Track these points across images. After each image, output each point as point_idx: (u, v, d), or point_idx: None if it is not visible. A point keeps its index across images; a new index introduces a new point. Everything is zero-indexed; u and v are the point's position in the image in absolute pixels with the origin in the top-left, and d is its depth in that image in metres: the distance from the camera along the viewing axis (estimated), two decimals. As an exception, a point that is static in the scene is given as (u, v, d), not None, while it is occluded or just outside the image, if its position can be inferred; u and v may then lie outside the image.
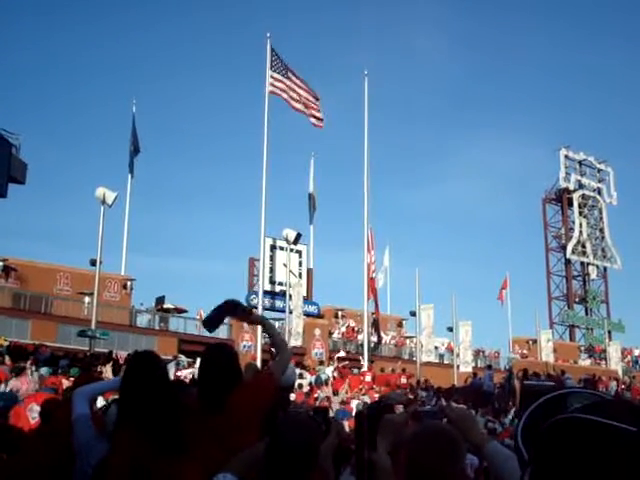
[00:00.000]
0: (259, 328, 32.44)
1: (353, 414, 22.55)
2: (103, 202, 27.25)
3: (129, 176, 43.27)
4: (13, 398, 14.86)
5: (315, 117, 34.23)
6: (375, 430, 2.86)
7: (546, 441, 1.44)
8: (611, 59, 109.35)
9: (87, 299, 31.91)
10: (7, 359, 21.63)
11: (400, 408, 3.75)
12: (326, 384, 27.81)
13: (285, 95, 33.24)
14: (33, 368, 21.28)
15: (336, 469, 3.92)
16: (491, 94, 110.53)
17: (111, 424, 4.03)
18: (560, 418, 1.44)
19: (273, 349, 5.20)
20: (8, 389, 16.81)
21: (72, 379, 15.63)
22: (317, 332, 39.11)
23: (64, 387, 14.35)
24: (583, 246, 62.30)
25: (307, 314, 38.75)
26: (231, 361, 4.23)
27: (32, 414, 10.03)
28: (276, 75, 33.00)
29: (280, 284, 37.90)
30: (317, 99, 34.27)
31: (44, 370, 21.11)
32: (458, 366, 39.75)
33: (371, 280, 37.65)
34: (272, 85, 32.85)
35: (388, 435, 2.85)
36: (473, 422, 2.86)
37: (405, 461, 2.72)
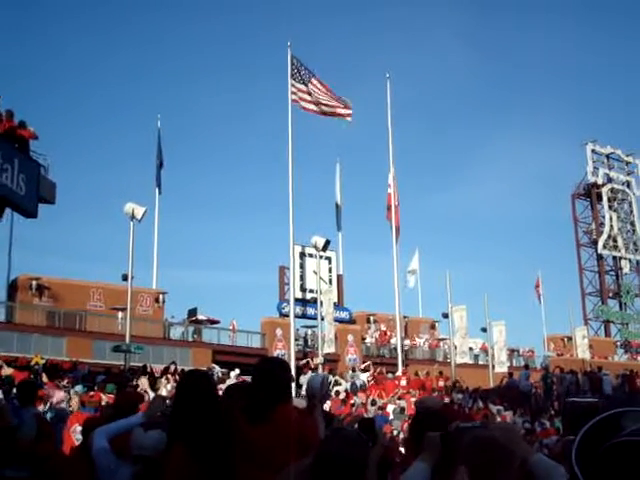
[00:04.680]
0: (292, 337, 32.60)
1: (390, 419, 22.55)
2: (132, 217, 27.44)
3: (156, 190, 43.62)
4: (60, 411, 15.11)
5: (342, 114, 34.04)
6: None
7: (603, 465, 1.42)
8: (634, 52, 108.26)
9: (120, 314, 32.12)
10: (44, 377, 21.84)
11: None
12: (362, 390, 27.77)
13: (305, 104, 33.26)
14: (70, 386, 21.47)
15: (380, 478, 3.92)
16: (516, 93, 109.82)
17: (136, 448, 4.01)
18: (617, 442, 1.42)
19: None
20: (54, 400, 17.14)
21: (110, 396, 15.77)
22: (350, 338, 39.09)
23: (102, 404, 14.49)
24: (614, 240, 61.70)
25: (339, 320, 38.73)
26: (283, 374, 4.27)
27: (76, 435, 10.14)
28: (296, 84, 33.07)
29: (311, 291, 37.90)
30: (345, 105, 34.11)
31: (78, 387, 21.25)
32: (493, 366, 39.54)
33: (396, 209, 37.48)
34: (294, 94, 32.93)
35: (433, 452, 2.86)
36: (517, 436, 2.86)
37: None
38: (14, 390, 13.68)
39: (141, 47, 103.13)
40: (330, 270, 40.21)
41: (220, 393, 4.90)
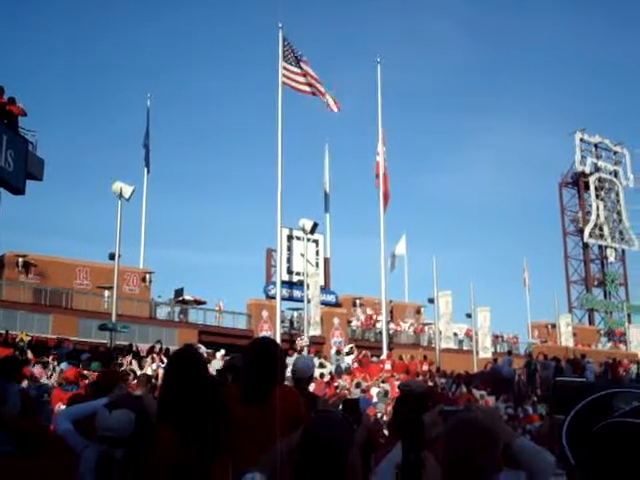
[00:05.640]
0: (278, 319, 32.68)
1: (373, 401, 22.67)
2: (120, 196, 27.39)
3: (145, 170, 43.51)
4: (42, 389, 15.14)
5: (329, 101, 34.04)
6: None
7: (594, 446, 1.42)
8: (625, 41, 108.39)
9: (107, 293, 32.11)
10: (30, 354, 21.86)
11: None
12: (347, 373, 27.90)
13: (297, 84, 33.20)
14: (55, 363, 21.50)
15: (364, 460, 3.97)
16: (505, 80, 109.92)
17: (100, 429, 3.96)
18: (608, 423, 1.43)
19: None
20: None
21: (95, 374, 15.80)
22: (336, 321, 39.20)
23: (86, 382, 14.51)
24: (600, 229, 61.95)
25: (325, 303, 38.86)
26: (275, 355, 4.29)
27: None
28: (288, 66, 32.98)
29: (298, 274, 37.97)
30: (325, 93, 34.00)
31: (64, 365, 21.29)
32: (477, 352, 39.77)
33: (384, 177, 37.58)
34: (284, 76, 32.85)
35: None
36: (500, 420, 2.90)
37: (442, 455, 2.76)
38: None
39: (133, 27, 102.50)
40: (317, 253, 40.29)
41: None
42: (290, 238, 38.65)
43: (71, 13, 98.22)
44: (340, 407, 4.02)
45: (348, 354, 32.19)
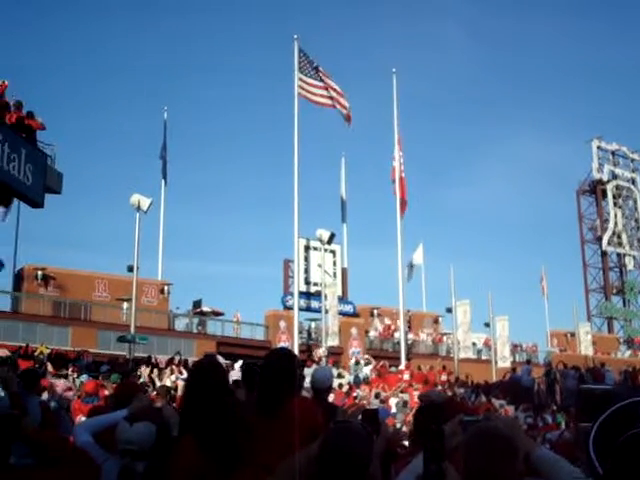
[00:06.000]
0: (296, 330, 32.68)
1: (392, 412, 22.60)
2: (138, 209, 27.53)
3: (162, 182, 43.74)
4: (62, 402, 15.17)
5: (345, 115, 34.16)
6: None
7: (622, 457, 1.39)
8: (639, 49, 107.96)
9: (125, 305, 32.23)
10: (49, 367, 21.95)
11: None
12: (366, 383, 27.85)
13: (313, 96, 33.28)
14: (75, 375, 21.57)
15: (384, 471, 3.96)
16: (521, 89, 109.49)
17: (121, 442, 3.97)
18: (636, 432, 1.41)
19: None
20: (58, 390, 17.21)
21: (114, 386, 15.85)
22: (354, 331, 39.15)
23: (105, 394, 14.55)
24: (619, 237, 61.66)
25: (343, 314, 38.82)
26: (292, 365, 4.30)
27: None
28: (304, 77, 33.07)
29: (315, 284, 37.98)
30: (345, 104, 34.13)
31: (84, 377, 21.33)
32: (496, 361, 39.58)
33: (401, 181, 37.45)
34: (300, 87, 32.93)
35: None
36: (520, 429, 2.89)
37: (462, 464, 2.75)
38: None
39: (150, 39, 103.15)
40: (334, 263, 40.29)
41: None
42: (307, 249, 38.67)
43: (85, 25, 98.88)
44: (359, 417, 4.02)
45: (366, 364, 32.16)
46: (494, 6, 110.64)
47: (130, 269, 28.53)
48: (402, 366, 32.97)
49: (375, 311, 43.41)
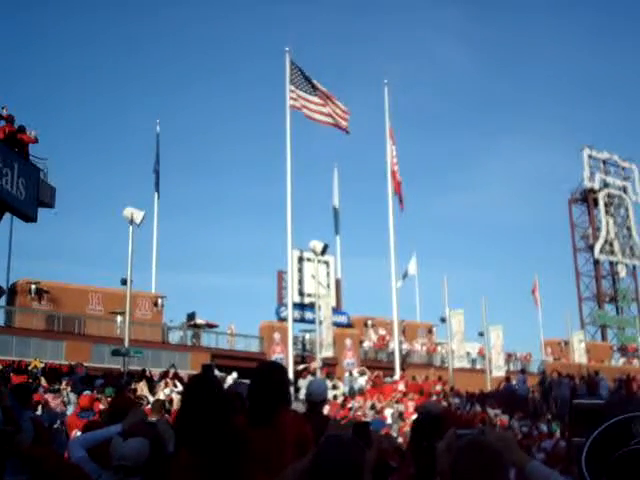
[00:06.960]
0: (290, 342, 32.65)
1: (387, 422, 22.61)
2: (131, 222, 27.50)
3: (155, 195, 43.73)
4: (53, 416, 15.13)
5: (341, 124, 34.18)
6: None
7: (615, 474, 1.40)
8: (633, 56, 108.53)
9: (119, 318, 32.16)
10: (43, 381, 21.86)
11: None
12: (361, 394, 27.85)
13: (305, 109, 33.33)
14: (69, 389, 21.48)
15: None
16: (512, 98, 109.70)
17: (115, 458, 3.98)
18: (629, 450, 1.42)
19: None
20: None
21: (109, 399, 15.82)
22: (348, 342, 39.13)
23: (100, 408, 14.53)
24: (611, 245, 61.81)
25: (337, 324, 38.80)
26: (282, 378, 4.34)
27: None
28: (298, 91, 33.10)
29: (309, 295, 37.94)
30: (344, 110, 34.21)
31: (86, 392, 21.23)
32: (491, 371, 39.61)
33: (393, 173, 37.52)
34: (292, 99, 32.99)
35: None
36: (513, 443, 2.91)
37: (451, 477, 2.77)
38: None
39: (141, 51, 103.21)
40: (328, 274, 40.30)
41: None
42: (301, 260, 38.67)
43: (77, 38, 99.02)
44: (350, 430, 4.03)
45: (361, 375, 32.16)
46: (487, 16, 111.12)
47: (124, 282, 28.46)
48: (397, 376, 32.99)
49: (369, 321, 43.41)
